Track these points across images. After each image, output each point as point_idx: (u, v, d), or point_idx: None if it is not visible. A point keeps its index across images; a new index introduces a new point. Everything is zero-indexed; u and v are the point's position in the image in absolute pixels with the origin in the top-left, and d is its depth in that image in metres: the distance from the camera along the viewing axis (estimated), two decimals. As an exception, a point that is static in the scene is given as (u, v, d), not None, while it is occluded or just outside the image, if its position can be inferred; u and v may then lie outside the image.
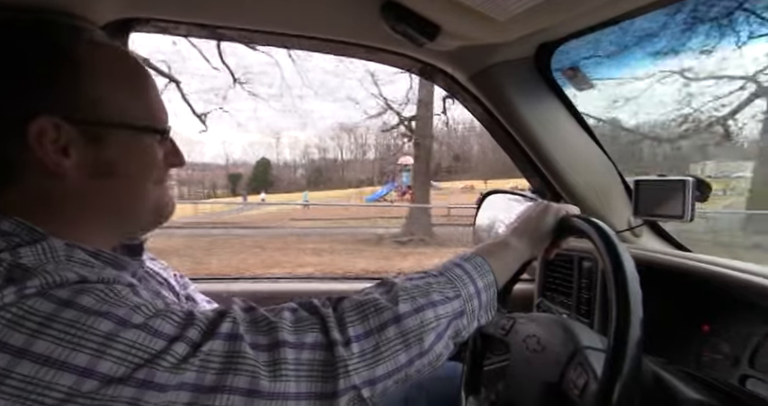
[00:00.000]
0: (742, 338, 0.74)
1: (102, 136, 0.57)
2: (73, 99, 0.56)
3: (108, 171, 0.58)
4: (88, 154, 0.56)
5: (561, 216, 0.75)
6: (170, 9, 0.91)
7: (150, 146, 0.61)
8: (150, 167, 0.62)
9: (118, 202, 0.60)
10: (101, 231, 0.60)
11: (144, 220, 0.64)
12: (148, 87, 0.62)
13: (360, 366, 0.51)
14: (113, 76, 0.59)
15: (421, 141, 12.08)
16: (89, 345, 0.43)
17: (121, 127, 0.58)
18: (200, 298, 0.84)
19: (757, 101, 6.02)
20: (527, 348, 0.75)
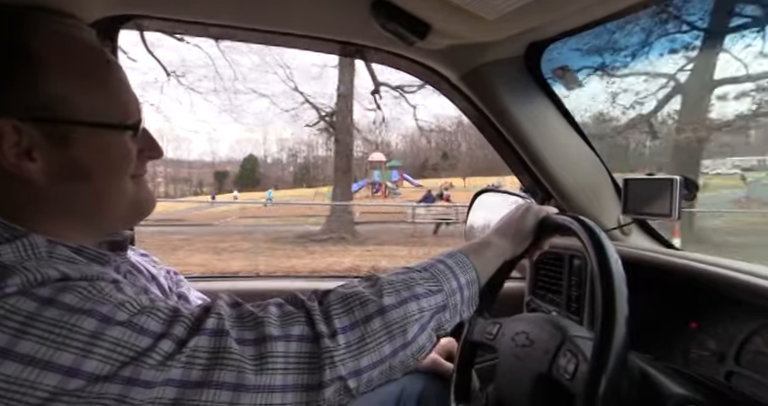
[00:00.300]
0: (728, 335, 0.75)
1: (68, 136, 0.54)
2: (32, 98, 0.52)
3: (79, 171, 0.56)
4: (54, 156, 0.54)
5: (542, 217, 0.77)
6: (159, 6, 0.90)
7: (121, 142, 0.58)
8: (123, 163, 0.59)
9: (93, 202, 0.58)
10: (79, 230, 0.58)
11: (122, 217, 0.62)
12: (115, 80, 0.59)
13: (346, 357, 0.52)
14: (75, 71, 0.55)
15: (341, 137, 11.81)
16: (74, 344, 0.43)
17: (87, 125, 0.55)
18: (193, 296, 0.84)
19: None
20: (516, 344, 0.76)
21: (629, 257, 0.93)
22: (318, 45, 1.07)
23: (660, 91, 6.51)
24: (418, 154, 51.11)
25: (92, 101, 0.56)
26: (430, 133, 19.09)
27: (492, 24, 0.80)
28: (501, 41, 0.93)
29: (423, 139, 39.99)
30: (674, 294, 0.87)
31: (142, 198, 0.63)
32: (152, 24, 0.95)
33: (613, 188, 1.16)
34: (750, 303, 0.72)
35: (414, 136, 50.38)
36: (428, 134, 19.14)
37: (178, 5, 0.90)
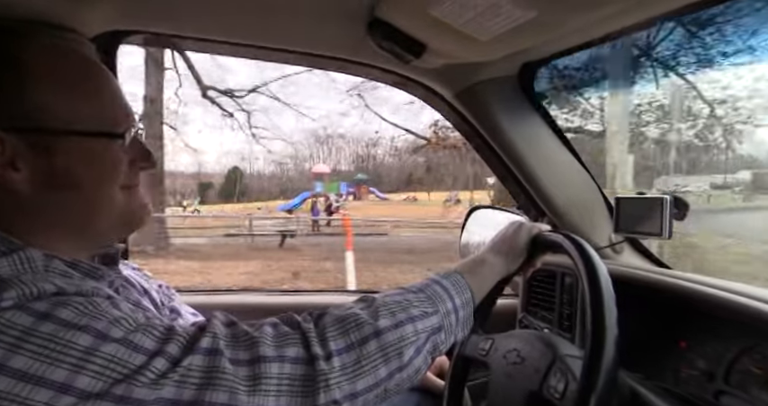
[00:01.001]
0: (717, 354, 0.75)
1: (53, 146, 0.54)
2: (15, 108, 0.53)
3: (65, 181, 0.56)
4: (39, 166, 0.54)
5: (534, 234, 0.78)
6: (159, 22, 0.92)
7: (108, 151, 0.58)
8: (111, 173, 0.59)
9: (83, 212, 0.58)
10: (71, 241, 0.58)
11: (112, 228, 0.62)
12: (103, 89, 0.60)
13: (341, 380, 0.51)
14: (60, 80, 0.56)
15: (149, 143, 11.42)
16: (67, 360, 0.43)
17: (72, 134, 0.55)
18: (185, 310, 0.83)
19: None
20: (508, 362, 0.76)
21: (620, 275, 0.94)
22: (314, 61, 1.09)
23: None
24: (402, 167, 51.83)
25: (77, 110, 0.56)
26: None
27: (485, 45, 0.81)
28: (495, 61, 0.94)
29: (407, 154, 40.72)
30: (665, 313, 0.87)
31: (134, 209, 0.63)
32: (150, 40, 0.96)
33: (605, 206, 1.18)
34: (739, 322, 0.73)
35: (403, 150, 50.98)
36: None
37: (176, 21, 0.92)
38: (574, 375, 0.62)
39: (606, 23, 0.80)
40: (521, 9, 0.66)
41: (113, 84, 0.61)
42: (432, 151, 19.28)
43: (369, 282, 7.02)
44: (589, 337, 0.58)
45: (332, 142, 54.93)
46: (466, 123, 1.19)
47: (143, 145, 0.64)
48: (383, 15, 0.82)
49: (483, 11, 0.69)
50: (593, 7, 0.66)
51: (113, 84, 0.61)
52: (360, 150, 54.61)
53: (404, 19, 0.81)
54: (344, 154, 57.41)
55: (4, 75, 0.53)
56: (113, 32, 0.92)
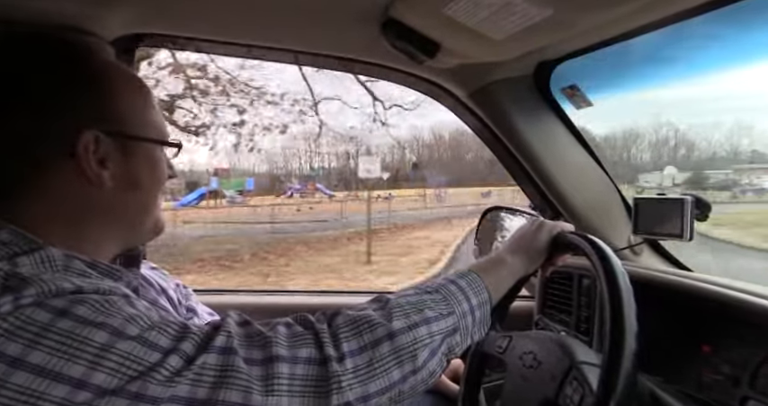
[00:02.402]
0: (742, 359, 0.73)
1: (131, 149, 0.61)
2: (107, 113, 0.59)
3: (134, 182, 0.61)
4: (120, 166, 0.59)
5: (556, 233, 0.75)
6: (176, 25, 0.93)
7: (161, 159, 0.65)
8: (162, 178, 0.66)
9: (135, 212, 0.64)
10: (106, 241, 0.62)
11: (147, 231, 0.67)
12: (154, 103, 0.66)
13: (353, 383, 0.51)
14: (130, 92, 0.62)
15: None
16: (84, 356, 0.43)
17: (145, 140, 0.62)
18: (201, 310, 0.84)
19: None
20: (523, 364, 0.75)
21: (640, 277, 0.92)
22: (329, 62, 1.09)
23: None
24: (391, 165, 52.71)
25: (148, 119, 0.63)
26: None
27: (500, 44, 0.81)
28: (509, 61, 0.93)
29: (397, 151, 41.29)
30: (686, 316, 0.85)
31: (160, 217, 0.68)
32: (167, 43, 0.98)
33: (624, 207, 1.16)
34: (765, 326, 0.71)
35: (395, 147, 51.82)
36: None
37: (193, 24, 0.93)
38: (590, 387, 0.60)
39: (623, 22, 0.79)
40: (536, 7, 0.66)
41: (155, 100, 0.68)
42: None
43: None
44: (607, 341, 0.56)
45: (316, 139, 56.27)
46: (480, 123, 1.18)
47: (167, 156, 0.69)
48: (397, 15, 0.82)
49: (497, 10, 0.69)
50: (609, 5, 0.65)
51: (155, 100, 0.68)
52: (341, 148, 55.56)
53: (418, 18, 0.81)
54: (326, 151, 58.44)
55: (98, 85, 0.59)
56: (132, 35, 0.93)
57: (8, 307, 0.44)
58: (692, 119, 46.54)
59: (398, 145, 49.72)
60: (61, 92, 0.57)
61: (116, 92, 0.60)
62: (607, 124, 7.07)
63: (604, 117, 6.33)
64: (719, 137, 32.46)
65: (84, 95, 0.58)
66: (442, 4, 0.72)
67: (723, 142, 31.59)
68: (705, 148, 31.55)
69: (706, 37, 0.90)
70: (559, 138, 1.12)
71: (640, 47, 0.90)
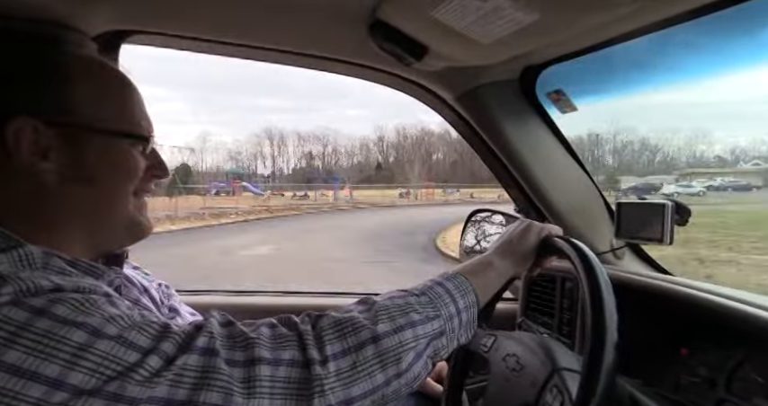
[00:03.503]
0: (719, 361, 0.74)
1: (81, 141, 0.58)
2: (52, 103, 0.57)
3: (87, 176, 0.58)
4: (67, 159, 0.57)
5: (543, 236, 0.76)
6: (160, 22, 0.92)
7: (129, 153, 0.61)
8: (129, 174, 0.62)
9: (95, 210, 0.60)
10: (76, 240, 0.59)
11: (118, 233, 0.63)
12: (129, 96, 0.63)
13: (336, 386, 0.51)
14: (93, 83, 0.60)
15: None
16: (61, 356, 0.43)
17: (100, 133, 0.59)
18: (184, 310, 0.83)
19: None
20: (507, 366, 0.75)
21: (622, 281, 0.93)
22: (316, 63, 1.09)
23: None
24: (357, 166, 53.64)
25: (107, 110, 0.60)
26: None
27: (487, 48, 0.81)
28: (496, 64, 0.94)
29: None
30: (666, 319, 0.87)
31: (139, 221, 0.65)
32: (151, 40, 0.96)
33: (606, 211, 1.17)
34: (742, 330, 0.72)
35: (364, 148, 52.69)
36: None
37: (177, 22, 0.92)
38: (570, 394, 0.61)
39: (609, 28, 0.80)
40: (523, 12, 0.66)
41: (136, 92, 0.65)
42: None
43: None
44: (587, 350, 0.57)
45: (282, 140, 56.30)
46: (467, 126, 1.18)
47: (158, 155, 0.67)
48: (385, 17, 0.82)
49: (485, 14, 0.69)
50: (597, 11, 0.66)
51: (136, 92, 0.65)
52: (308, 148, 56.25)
53: (406, 21, 0.81)
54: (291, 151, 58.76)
55: (44, 75, 0.57)
56: (115, 32, 0.92)
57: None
58: (652, 124, 47.71)
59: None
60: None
61: (71, 83, 0.58)
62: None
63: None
64: (678, 142, 33.67)
65: (25, 83, 0.56)
66: (429, 7, 0.72)
67: (682, 146, 32.83)
68: (658, 152, 32.85)
69: (685, 45, 0.92)
70: (544, 142, 1.13)
71: (623, 53, 0.92)
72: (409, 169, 42.38)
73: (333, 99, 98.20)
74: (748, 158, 31.58)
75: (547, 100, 1.10)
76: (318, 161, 58.54)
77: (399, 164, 53.37)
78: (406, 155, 56.99)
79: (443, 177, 49.69)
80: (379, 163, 45.20)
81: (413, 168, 40.52)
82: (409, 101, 1.20)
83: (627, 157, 40.47)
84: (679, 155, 33.42)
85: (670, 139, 32.17)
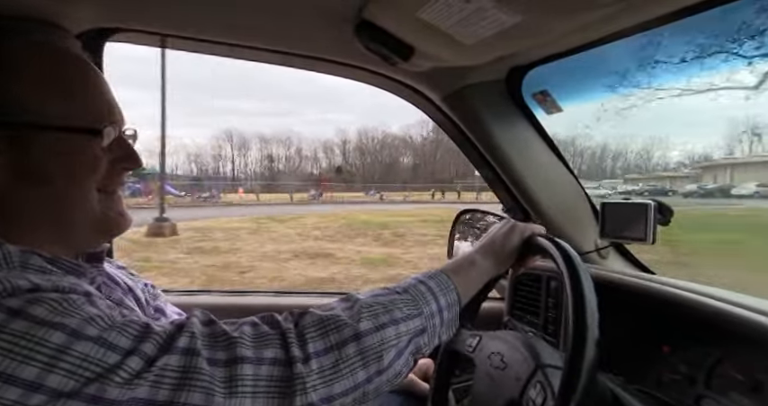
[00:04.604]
0: (699, 359, 0.75)
1: (28, 139, 0.55)
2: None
3: (40, 175, 0.56)
4: (14, 159, 0.54)
5: (527, 236, 0.76)
6: (145, 20, 0.91)
7: (86, 149, 0.58)
8: (87, 171, 0.58)
9: (56, 209, 0.57)
10: (49, 239, 0.58)
11: (88, 233, 0.61)
12: (84, 85, 0.59)
13: (318, 383, 0.51)
14: (38, 75, 0.56)
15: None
16: (38, 358, 0.42)
17: (48, 129, 0.55)
18: (170, 310, 0.82)
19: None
20: (491, 364, 0.76)
21: (605, 280, 0.94)
22: (302, 62, 1.09)
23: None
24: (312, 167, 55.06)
25: (55, 105, 0.56)
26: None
27: (472, 49, 0.82)
28: (482, 65, 0.95)
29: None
30: (648, 317, 0.88)
31: (110, 216, 0.62)
32: (136, 38, 0.95)
33: (591, 211, 1.18)
34: (720, 328, 0.74)
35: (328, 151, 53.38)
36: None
37: (162, 20, 0.91)
38: (553, 390, 0.61)
39: (593, 29, 0.81)
40: (505, 14, 0.67)
41: (96, 81, 0.61)
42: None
43: None
44: (569, 346, 0.57)
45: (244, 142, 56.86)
46: (454, 126, 1.19)
47: (128, 145, 0.63)
48: (371, 17, 0.82)
49: (468, 15, 0.69)
50: (578, 13, 0.66)
51: (96, 81, 0.61)
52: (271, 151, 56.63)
53: (392, 21, 0.81)
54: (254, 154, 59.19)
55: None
56: (99, 30, 0.91)
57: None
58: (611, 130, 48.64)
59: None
60: None
61: (13, 76, 0.54)
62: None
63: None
64: (636, 147, 34.46)
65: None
66: (415, 8, 0.73)
67: (640, 151, 33.65)
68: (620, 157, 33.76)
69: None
70: (530, 142, 1.14)
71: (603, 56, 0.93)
72: (368, 172, 43.54)
73: (318, 104, 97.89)
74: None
75: (533, 101, 1.11)
76: (280, 163, 59.17)
77: (360, 167, 54.48)
78: (369, 158, 58.14)
79: (403, 179, 50.73)
80: (338, 166, 45.67)
81: (374, 171, 41.96)
82: (383, 105, 1.21)
83: (588, 161, 41.54)
84: (640, 160, 34.46)
85: (628, 144, 33.13)
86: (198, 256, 8.59)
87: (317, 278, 6.88)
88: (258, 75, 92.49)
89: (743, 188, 11.23)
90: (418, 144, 60.55)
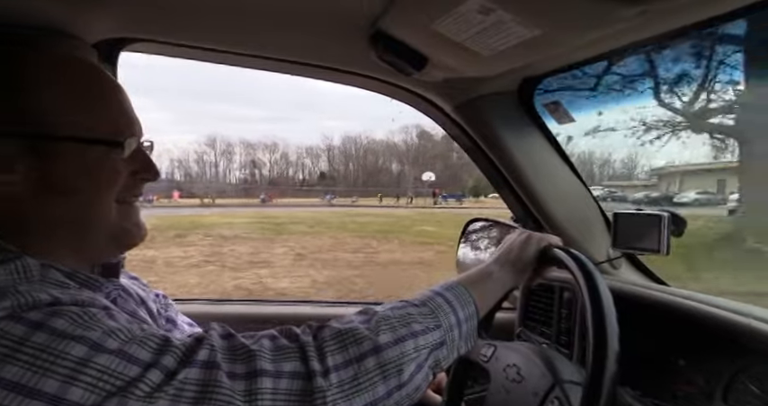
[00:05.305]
0: (716, 372, 0.75)
1: (51, 151, 0.54)
2: (14, 112, 0.53)
3: (61, 187, 0.55)
4: (36, 170, 0.54)
5: (543, 246, 0.76)
6: (161, 30, 0.92)
7: (107, 160, 0.58)
8: (107, 182, 0.58)
9: (76, 221, 0.57)
10: (67, 251, 0.57)
11: (103, 244, 0.60)
12: (105, 97, 0.60)
13: (338, 397, 0.50)
14: (61, 87, 0.56)
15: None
16: (60, 371, 0.42)
17: (70, 141, 0.55)
18: (181, 320, 0.82)
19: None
20: (507, 377, 0.75)
21: (619, 292, 0.93)
22: (315, 72, 1.09)
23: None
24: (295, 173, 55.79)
25: (77, 117, 0.56)
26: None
27: (487, 60, 0.82)
28: (495, 76, 0.95)
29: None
30: (663, 330, 0.87)
31: (126, 228, 0.62)
32: (152, 48, 0.96)
33: (603, 221, 1.18)
34: (738, 340, 0.73)
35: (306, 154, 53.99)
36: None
37: (179, 31, 0.91)
38: None
39: (610, 41, 0.81)
40: (524, 27, 0.67)
41: (117, 93, 0.61)
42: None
43: None
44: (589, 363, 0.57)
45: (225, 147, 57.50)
46: (465, 136, 1.19)
47: (147, 156, 0.63)
48: (386, 28, 0.82)
49: (487, 27, 0.70)
50: (598, 26, 0.66)
51: (117, 93, 0.61)
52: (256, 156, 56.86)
53: (407, 32, 0.82)
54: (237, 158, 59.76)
55: (6, 82, 0.54)
56: (115, 39, 0.91)
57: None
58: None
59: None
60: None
61: (37, 88, 0.54)
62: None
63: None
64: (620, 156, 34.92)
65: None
66: (431, 20, 0.73)
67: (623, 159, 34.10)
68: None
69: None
70: (542, 152, 1.14)
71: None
72: (350, 178, 44.53)
73: (311, 110, 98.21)
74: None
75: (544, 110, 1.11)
76: (264, 169, 59.86)
77: (343, 174, 55.22)
78: (354, 165, 58.91)
79: (386, 184, 51.46)
80: (322, 172, 46.08)
81: (356, 177, 43.04)
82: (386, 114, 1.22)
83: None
84: (623, 168, 35.03)
85: (613, 153, 33.72)
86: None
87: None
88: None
89: (683, 195, 11.36)
90: (402, 152, 61.25)
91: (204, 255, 10.05)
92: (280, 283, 7.41)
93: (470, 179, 43.72)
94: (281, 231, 15.04)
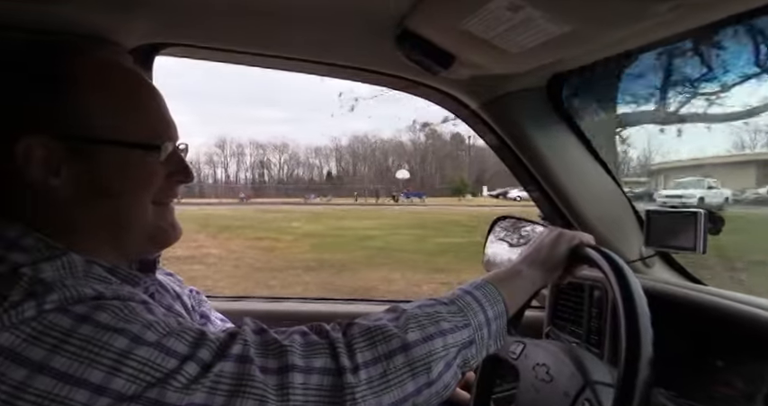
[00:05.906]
0: (757, 375, 0.72)
1: (93, 153, 0.57)
2: (62, 116, 0.56)
3: (102, 189, 0.58)
4: (79, 172, 0.56)
5: (574, 245, 0.74)
6: (196, 35, 0.94)
7: (145, 163, 0.60)
8: (145, 184, 0.60)
9: (115, 221, 0.60)
10: (107, 248, 0.60)
11: (140, 243, 0.63)
12: (146, 102, 0.62)
13: (367, 394, 0.51)
14: (104, 91, 0.58)
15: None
16: (104, 361, 0.44)
17: (113, 144, 0.57)
18: (214, 316, 0.85)
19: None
20: (536, 376, 0.75)
21: (653, 290, 0.91)
22: (343, 72, 1.10)
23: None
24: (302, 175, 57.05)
25: (118, 120, 0.58)
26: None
27: (515, 57, 0.81)
28: (524, 73, 0.94)
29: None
30: (699, 329, 0.85)
31: (163, 227, 0.64)
32: (187, 52, 0.99)
33: (635, 219, 1.15)
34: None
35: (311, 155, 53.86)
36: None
37: (212, 35, 0.94)
38: None
39: (641, 36, 0.79)
40: (553, 24, 0.66)
41: (156, 97, 0.63)
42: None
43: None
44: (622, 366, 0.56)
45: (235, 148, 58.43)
46: (493, 134, 1.18)
47: (182, 159, 0.66)
48: (413, 27, 0.82)
49: (516, 25, 0.69)
50: (629, 22, 0.65)
51: (156, 97, 0.63)
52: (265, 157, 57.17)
53: (434, 31, 0.82)
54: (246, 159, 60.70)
55: (51, 86, 0.56)
56: (150, 45, 0.94)
57: (32, 312, 0.44)
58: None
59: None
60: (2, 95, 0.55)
61: (83, 93, 0.57)
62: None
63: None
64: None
65: (33, 97, 0.55)
66: (459, 18, 0.73)
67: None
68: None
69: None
70: (571, 150, 1.12)
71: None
72: (357, 179, 44.86)
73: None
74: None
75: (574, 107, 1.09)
76: (273, 170, 60.44)
77: (351, 175, 55.45)
78: (363, 166, 59.11)
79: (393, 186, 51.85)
80: (329, 172, 46.15)
81: (362, 178, 43.39)
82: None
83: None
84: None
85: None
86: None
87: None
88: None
89: (659, 194, 10.97)
90: (409, 152, 61.09)
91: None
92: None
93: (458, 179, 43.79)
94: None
